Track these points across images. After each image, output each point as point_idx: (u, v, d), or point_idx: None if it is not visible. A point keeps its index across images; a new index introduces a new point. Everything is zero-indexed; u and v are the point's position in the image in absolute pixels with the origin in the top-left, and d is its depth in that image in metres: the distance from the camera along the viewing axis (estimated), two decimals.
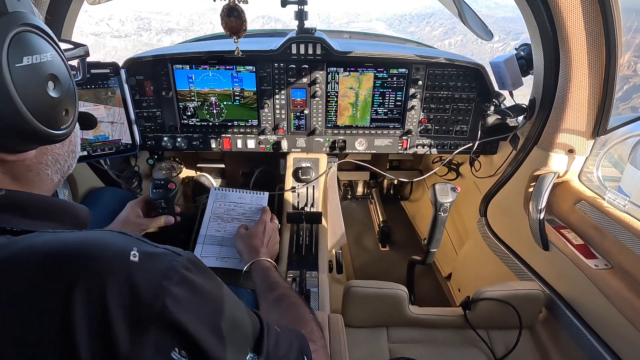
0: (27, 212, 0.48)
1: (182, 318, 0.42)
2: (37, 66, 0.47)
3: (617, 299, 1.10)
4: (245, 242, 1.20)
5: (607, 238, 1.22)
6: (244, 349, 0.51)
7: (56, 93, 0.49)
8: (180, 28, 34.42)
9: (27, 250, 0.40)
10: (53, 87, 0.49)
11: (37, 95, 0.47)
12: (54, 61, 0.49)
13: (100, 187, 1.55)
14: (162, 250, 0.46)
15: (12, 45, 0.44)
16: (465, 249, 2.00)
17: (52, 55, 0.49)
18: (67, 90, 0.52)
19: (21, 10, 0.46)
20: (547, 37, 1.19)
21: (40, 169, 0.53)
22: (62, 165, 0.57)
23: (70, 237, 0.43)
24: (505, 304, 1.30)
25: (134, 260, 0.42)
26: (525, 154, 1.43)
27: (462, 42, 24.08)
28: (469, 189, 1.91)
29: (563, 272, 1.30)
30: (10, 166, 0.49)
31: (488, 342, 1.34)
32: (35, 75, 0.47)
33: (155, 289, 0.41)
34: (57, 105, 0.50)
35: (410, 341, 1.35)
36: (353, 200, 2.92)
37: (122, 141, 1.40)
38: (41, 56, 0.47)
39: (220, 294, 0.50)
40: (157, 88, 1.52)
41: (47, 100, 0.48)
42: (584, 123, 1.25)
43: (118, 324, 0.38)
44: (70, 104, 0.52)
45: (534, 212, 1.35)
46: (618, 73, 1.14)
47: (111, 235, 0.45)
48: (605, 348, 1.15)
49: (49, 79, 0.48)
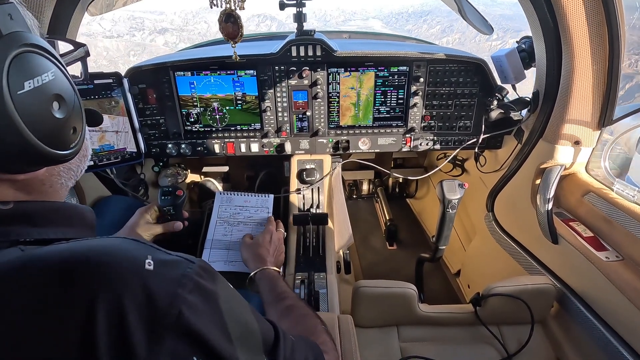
0: (36, 221, 0.48)
1: (198, 326, 0.42)
2: (39, 89, 0.45)
3: (629, 290, 1.09)
4: (251, 251, 1.19)
5: (616, 229, 1.20)
6: (259, 354, 0.50)
7: (62, 113, 0.48)
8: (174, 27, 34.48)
9: (42, 262, 0.39)
10: (58, 107, 0.48)
11: (43, 119, 0.45)
12: (56, 79, 0.48)
13: (107, 195, 1.56)
14: (175, 257, 0.46)
15: (12, 71, 0.42)
16: (473, 244, 1.99)
17: (54, 73, 0.47)
18: (73, 107, 0.50)
19: (17, 29, 0.44)
20: (548, 29, 1.18)
21: (54, 180, 0.53)
22: (75, 171, 0.57)
23: (85, 246, 0.42)
24: (516, 299, 1.29)
25: (149, 268, 0.42)
26: (530, 147, 1.42)
27: (460, 41, 23.99)
28: (475, 185, 1.90)
29: (573, 265, 1.29)
30: (23, 183, 0.49)
31: (500, 338, 1.33)
32: (39, 99, 0.45)
33: (171, 297, 0.41)
34: (63, 125, 0.48)
35: (422, 339, 1.34)
36: (358, 199, 2.91)
37: (127, 150, 1.41)
38: (42, 77, 0.45)
39: (232, 299, 0.50)
40: (160, 96, 1.53)
41: (54, 122, 0.47)
42: (589, 114, 1.24)
43: (136, 333, 0.38)
44: (77, 120, 0.51)
45: (542, 205, 1.34)
46: (622, 62, 1.12)
47: (125, 243, 0.45)
48: (618, 340, 1.14)
49: (54, 100, 0.47)
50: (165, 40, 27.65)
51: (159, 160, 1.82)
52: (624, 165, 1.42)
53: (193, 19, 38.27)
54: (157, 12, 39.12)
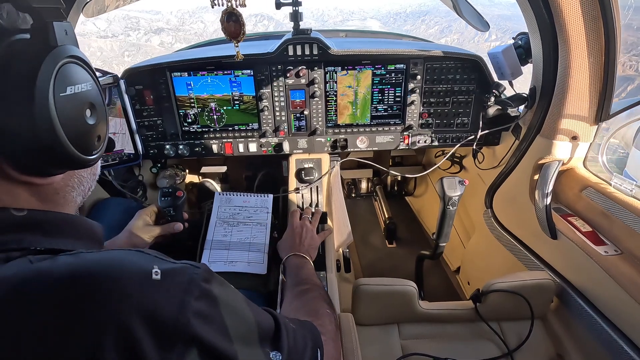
0: (47, 231, 0.49)
1: (206, 331, 0.43)
2: (78, 95, 0.50)
3: (628, 284, 1.09)
4: (282, 248, 1.28)
5: (615, 224, 1.21)
6: (265, 348, 0.53)
7: (92, 120, 0.53)
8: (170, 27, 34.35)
9: (52, 274, 0.40)
10: (90, 115, 0.53)
11: (76, 122, 0.50)
12: (92, 90, 0.53)
13: (105, 197, 1.56)
14: (181, 265, 0.48)
15: (59, 76, 0.47)
16: (472, 241, 1.99)
17: (91, 85, 0.53)
18: (101, 117, 0.55)
19: (67, 43, 0.50)
20: (544, 24, 1.18)
21: (67, 191, 0.55)
22: (85, 187, 0.59)
23: (92, 259, 0.43)
24: (516, 295, 1.29)
25: (157, 278, 0.43)
26: (528, 143, 1.42)
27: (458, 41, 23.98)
28: (473, 181, 1.90)
29: (572, 260, 1.29)
30: (39, 189, 0.50)
31: (500, 334, 1.33)
32: (76, 104, 0.50)
33: (179, 305, 0.43)
34: (92, 131, 0.53)
35: (422, 337, 1.34)
36: (357, 198, 2.91)
37: (124, 151, 1.40)
38: (82, 85, 0.51)
39: (236, 300, 0.52)
40: (157, 97, 1.52)
41: (85, 127, 0.52)
42: (586, 109, 1.24)
43: (146, 343, 0.39)
44: (102, 130, 0.56)
45: (540, 201, 1.34)
46: (618, 57, 1.13)
47: (131, 255, 0.46)
48: (619, 334, 1.14)
49: (88, 107, 0.52)
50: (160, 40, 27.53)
51: (157, 162, 1.82)
52: (621, 161, 1.43)
53: (190, 18, 38.12)
54: (153, 11, 39.00)
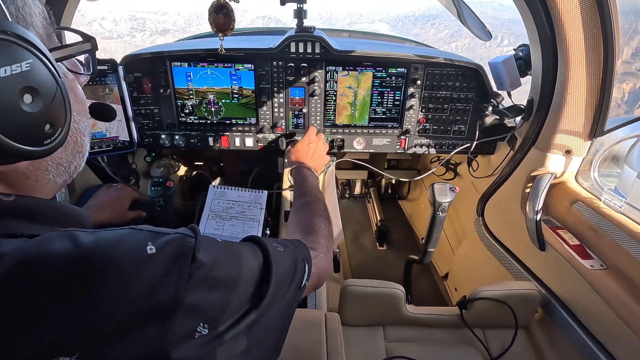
0: (35, 218, 0.47)
1: (203, 298, 0.45)
2: (5, 80, 0.40)
3: (612, 299, 1.11)
4: (292, 156, 1.37)
5: (603, 239, 1.22)
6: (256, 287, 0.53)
7: (33, 107, 0.43)
8: (176, 29, 34.07)
9: (47, 253, 0.40)
10: (30, 101, 0.43)
11: (7, 112, 0.41)
12: (31, 71, 0.43)
13: (97, 184, 1.54)
14: (173, 235, 0.47)
15: None
16: (462, 248, 2.01)
17: (29, 65, 0.42)
18: (51, 102, 0.45)
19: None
20: (545, 38, 1.20)
21: (39, 175, 0.51)
22: (67, 167, 0.54)
23: (88, 238, 0.43)
24: (501, 304, 1.31)
25: (152, 252, 0.43)
26: (522, 154, 1.44)
27: (469, 46, 23.87)
28: (467, 189, 1.91)
29: (559, 272, 1.31)
30: (2, 175, 0.47)
31: (484, 341, 1.35)
32: (3, 91, 0.40)
33: (176, 274, 0.43)
34: (34, 120, 0.44)
35: (407, 340, 1.35)
36: (351, 199, 2.92)
37: (119, 138, 1.39)
38: (12, 67, 0.41)
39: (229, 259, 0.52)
40: (155, 85, 1.51)
41: (21, 116, 0.42)
42: (582, 124, 1.26)
43: (147, 317, 0.40)
44: (55, 116, 0.46)
45: (531, 212, 1.36)
46: (615, 75, 1.14)
47: (125, 233, 0.46)
48: (599, 348, 1.16)
49: (24, 93, 0.42)
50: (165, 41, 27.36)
51: (151, 151, 1.80)
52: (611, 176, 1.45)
53: (197, 19, 37.66)
54: (161, 12, 38.39)
